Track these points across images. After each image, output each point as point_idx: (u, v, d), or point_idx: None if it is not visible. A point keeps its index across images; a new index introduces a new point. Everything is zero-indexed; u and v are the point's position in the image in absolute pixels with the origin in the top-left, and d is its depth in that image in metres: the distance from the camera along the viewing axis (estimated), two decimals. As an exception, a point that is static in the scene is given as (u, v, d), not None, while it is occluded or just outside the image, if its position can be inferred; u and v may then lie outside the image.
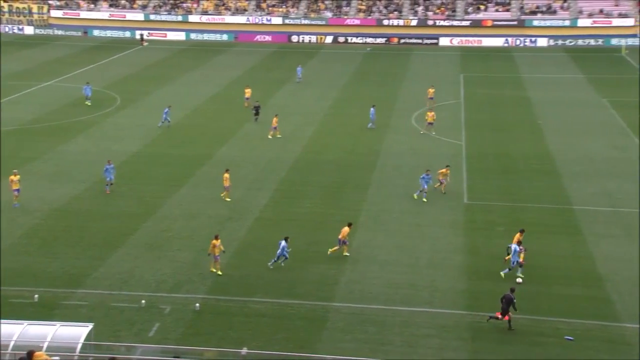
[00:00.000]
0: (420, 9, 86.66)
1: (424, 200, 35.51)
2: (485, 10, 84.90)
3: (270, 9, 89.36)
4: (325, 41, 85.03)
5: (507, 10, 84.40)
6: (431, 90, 54.36)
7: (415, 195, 35.92)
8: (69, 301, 26.66)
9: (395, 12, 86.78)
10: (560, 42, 79.76)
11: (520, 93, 58.78)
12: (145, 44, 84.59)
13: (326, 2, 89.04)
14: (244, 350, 22.89)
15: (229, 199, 36.27)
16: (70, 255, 30.41)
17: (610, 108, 53.22)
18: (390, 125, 49.95)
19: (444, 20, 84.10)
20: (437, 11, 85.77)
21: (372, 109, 49.63)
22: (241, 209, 35.66)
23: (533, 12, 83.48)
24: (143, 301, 26.52)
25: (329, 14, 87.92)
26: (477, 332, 24.67)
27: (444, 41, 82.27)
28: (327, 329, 25.09)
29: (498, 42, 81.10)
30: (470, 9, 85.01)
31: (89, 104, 54.86)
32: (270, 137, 46.89)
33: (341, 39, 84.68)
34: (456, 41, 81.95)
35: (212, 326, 25.30)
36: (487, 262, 29.77)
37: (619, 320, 25.24)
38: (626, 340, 24.08)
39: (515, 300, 24.39)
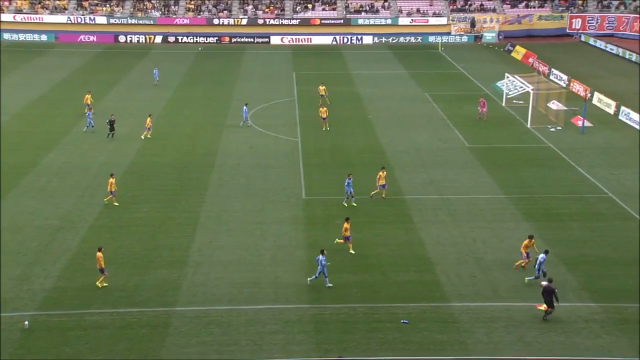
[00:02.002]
0: (249, 8, 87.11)
1: (354, 204, 35.21)
2: (313, 9, 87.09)
3: (93, 7, 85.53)
4: (155, 41, 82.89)
5: (334, 9, 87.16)
6: (322, 88, 55.36)
7: (345, 203, 35.48)
8: None
9: (225, 12, 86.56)
10: (384, 39, 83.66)
11: (351, 89, 60.95)
12: (-50, 45, 77.75)
13: (153, 2, 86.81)
14: (83, 366, 21.86)
15: (116, 204, 35.08)
16: None
17: (432, 102, 56.69)
18: (226, 125, 49.80)
19: (274, 19, 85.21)
20: (267, 10, 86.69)
21: (244, 107, 49.55)
22: (73, 217, 33.97)
23: (357, 11, 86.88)
24: (-36, 325, 24.52)
25: (157, 14, 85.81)
26: (320, 324, 25.35)
27: (275, 40, 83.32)
28: (171, 335, 24.62)
29: (327, 40, 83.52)
30: (298, 8, 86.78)
31: None
32: (143, 137, 45.97)
33: (171, 39, 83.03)
34: (287, 40, 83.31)
35: (45, 344, 23.91)
36: (327, 255, 30.53)
37: (448, 300, 27.03)
38: (455, 318, 25.83)
39: (557, 291, 25.18)
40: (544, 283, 25.96)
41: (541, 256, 27.88)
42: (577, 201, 36.55)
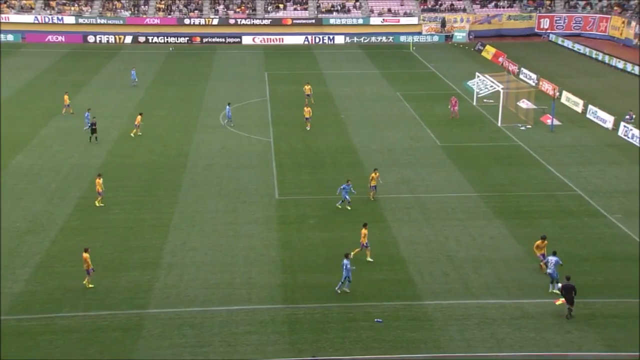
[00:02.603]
0: (220, 8, 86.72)
1: (348, 207, 34.63)
2: (285, 9, 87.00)
3: (61, 7, 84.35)
4: (125, 41, 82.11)
5: (305, 9, 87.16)
6: (307, 87, 55.27)
7: (338, 205, 34.92)
8: None
9: (196, 11, 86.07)
10: (355, 39, 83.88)
11: (323, 89, 60.90)
12: None
13: (123, 1, 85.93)
14: (54, 370, 21.58)
15: (102, 204, 34.96)
16: None
17: (404, 101, 56.96)
18: (198, 125, 49.51)
19: (245, 19, 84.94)
20: (238, 10, 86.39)
21: (227, 107, 49.56)
22: (43, 220, 33.51)
23: (329, 11, 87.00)
24: None
25: (126, 13, 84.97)
26: (294, 324, 25.33)
27: (246, 40, 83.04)
28: (143, 337, 24.41)
29: (299, 40, 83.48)
30: (270, 8, 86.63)
31: None
32: (132, 135, 46.16)
33: (142, 39, 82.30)
34: (259, 39, 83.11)
35: (14, 349, 23.55)
36: (301, 255, 30.64)
37: (421, 299, 27.18)
38: (428, 316, 25.99)
39: (575, 287, 25.36)
40: (558, 286, 26.18)
41: (555, 259, 27.39)
42: (547, 199, 37.02)
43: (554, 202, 36.55)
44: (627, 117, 49.22)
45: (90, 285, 27.40)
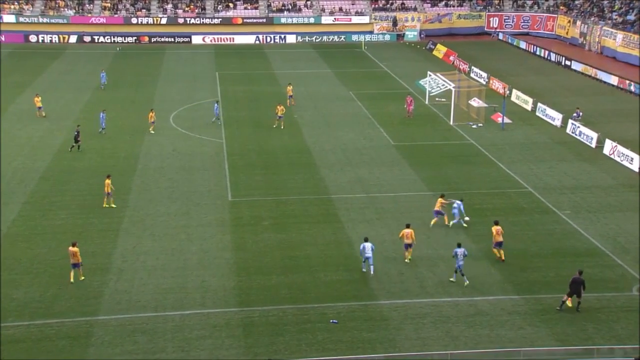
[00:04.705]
0: (169, 7, 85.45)
1: (466, 224, 32.96)
2: (235, 8, 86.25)
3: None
4: (69, 41, 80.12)
5: (256, 8, 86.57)
6: (289, 88, 55.07)
7: (463, 223, 32.96)
8: None
9: (144, 10, 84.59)
10: (307, 38, 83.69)
11: (275, 89, 60.53)
12: None
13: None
14: (-1, 383, 20.75)
15: (114, 205, 34.23)
16: None
17: (357, 100, 56.97)
18: (148, 127, 48.51)
19: (195, 18, 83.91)
20: (187, 9, 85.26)
21: (215, 104, 49.79)
22: (-14, 226, 32.31)
23: (280, 10, 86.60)
24: None
25: (70, 12, 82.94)
26: (249, 328, 24.96)
27: (196, 39, 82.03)
28: (93, 345, 23.72)
29: (250, 39, 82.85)
30: (219, 7, 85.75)
31: None
32: (152, 131, 46.41)
33: (87, 39, 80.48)
34: (209, 39, 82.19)
35: (-41, 362, 22.60)
36: (255, 257, 30.25)
37: (376, 298, 27.08)
38: (383, 316, 25.90)
39: (584, 281, 25.61)
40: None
41: (462, 250, 27.70)
42: (499, 196, 37.42)
43: (505, 200, 36.96)
44: (575, 114, 50.20)
45: (82, 277, 27.37)
